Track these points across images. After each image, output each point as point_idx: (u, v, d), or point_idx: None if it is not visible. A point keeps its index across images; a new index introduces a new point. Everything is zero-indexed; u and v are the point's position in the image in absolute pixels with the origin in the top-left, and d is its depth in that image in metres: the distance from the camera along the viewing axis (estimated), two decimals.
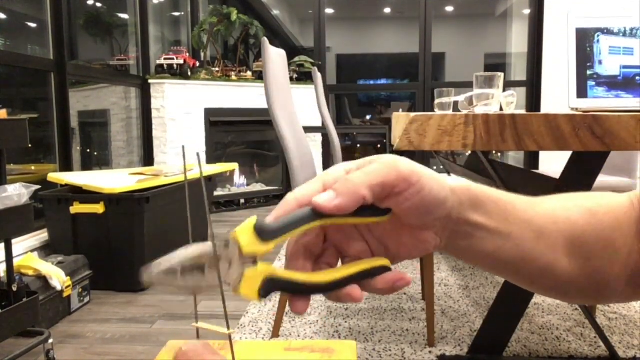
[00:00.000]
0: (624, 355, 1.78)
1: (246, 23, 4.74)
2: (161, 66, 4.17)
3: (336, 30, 9.23)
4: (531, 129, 0.99)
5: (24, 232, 2.41)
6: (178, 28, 5.46)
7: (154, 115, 4.14)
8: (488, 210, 0.40)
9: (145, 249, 2.49)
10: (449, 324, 2.06)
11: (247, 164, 5.06)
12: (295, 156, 1.77)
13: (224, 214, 4.43)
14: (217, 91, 4.41)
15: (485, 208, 0.40)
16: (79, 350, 1.91)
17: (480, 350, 1.66)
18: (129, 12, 4.43)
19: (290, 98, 2.10)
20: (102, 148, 4.33)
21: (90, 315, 2.23)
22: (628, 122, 0.97)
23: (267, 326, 2.04)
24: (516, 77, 5.95)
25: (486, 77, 1.32)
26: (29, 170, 3.29)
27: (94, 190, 2.46)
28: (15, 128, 1.77)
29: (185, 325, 2.13)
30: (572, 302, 0.49)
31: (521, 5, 6.14)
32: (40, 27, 3.22)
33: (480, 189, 0.41)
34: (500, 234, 0.41)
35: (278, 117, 1.75)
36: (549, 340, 1.88)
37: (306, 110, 4.69)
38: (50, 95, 3.09)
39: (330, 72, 7.61)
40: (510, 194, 0.43)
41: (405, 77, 9.76)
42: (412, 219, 0.38)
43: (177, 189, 2.82)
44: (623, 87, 1.45)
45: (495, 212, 0.41)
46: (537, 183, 1.85)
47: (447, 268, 2.80)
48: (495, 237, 0.41)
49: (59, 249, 2.50)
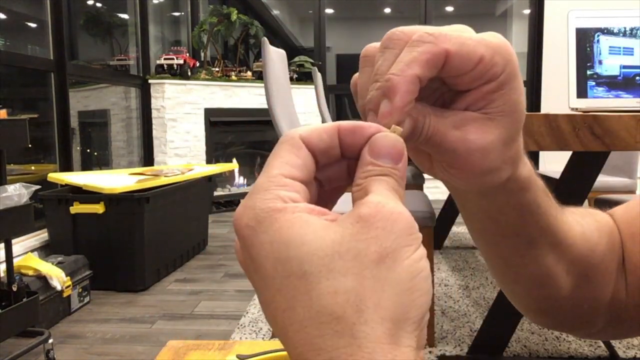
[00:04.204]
0: (624, 355, 1.78)
1: (246, 23, 4.73)
2: (161, 66, 4.17)
3: (336, 30, 9.23)
4: (531, 129, 0.99)
5: (24, 232, 2.41)
6: (178, 28, 5.46)
7: (154, 115, 4.14)
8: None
9: (145, 249, 2.49)
10: (449, 324, 2.06)
11: (247, 164, 5.06)
12: None
13: (224, 214, 4.43)
14: (217, 91, 4.41)
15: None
16: (79, 350, 1.91)
17: (480, 350, 1.66)
18: (129, 12, 4.43)
19: (290, 98, 2.10)
20: (102, 148, 4.33)
21: (90, 315, 2.23)
22: (628, 122, 0.97)
23: (267, 326, 2.04)
24: None
25: None
26: (29, 170, 3.29)
27: (94, 190, 2.45)
28: (15, 128, 1.77)
29: (185, 325, 2.13)
30: (556, 325, 0.46)
31: (521, 5, 6.14)
32: (40, 27, 3.22)
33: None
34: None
35: (278, 117, 1.75)
36: (549, 340, 1.88)
37: (306, 110, 4.69)
38: (50, 95, 3.09)
39: (330, 72, 7.61)
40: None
41: None
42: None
43: (177, 189, 2.82)
44: (623, 87, 1.45)
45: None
46: None
47: (447, 268, 2.80)
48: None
49: (59, 249, 2.50)
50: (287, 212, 0.23)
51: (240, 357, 0.73)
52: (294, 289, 0.22)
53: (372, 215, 0.23)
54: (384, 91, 0.27)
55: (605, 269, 0.41)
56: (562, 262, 0.40)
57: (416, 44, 0.28)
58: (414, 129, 0.29)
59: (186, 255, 3.01)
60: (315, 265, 0.22)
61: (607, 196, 2.06)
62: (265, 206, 0.24)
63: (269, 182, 0.24)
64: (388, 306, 0.22)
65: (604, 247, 0.41)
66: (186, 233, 3.00)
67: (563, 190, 1.35)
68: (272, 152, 0.26)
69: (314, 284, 0.22)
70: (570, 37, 1.44)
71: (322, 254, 0.23)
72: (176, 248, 2.88)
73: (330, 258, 0.22)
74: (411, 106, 0.28)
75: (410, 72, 0.27)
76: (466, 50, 0.28)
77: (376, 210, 0.23)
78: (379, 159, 0.25)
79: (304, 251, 0.23)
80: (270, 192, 0.24)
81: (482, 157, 0.30)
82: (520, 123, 0.31)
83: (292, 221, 0.23)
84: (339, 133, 0.26)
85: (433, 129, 0.29)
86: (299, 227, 0.23)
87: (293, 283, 0.22)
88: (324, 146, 0.26)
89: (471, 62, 0.28)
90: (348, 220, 0.24)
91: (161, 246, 2.66)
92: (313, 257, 0.23)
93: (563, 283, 0.40)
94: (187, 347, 0.76)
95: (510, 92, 0.30)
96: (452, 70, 0.29)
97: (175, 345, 0.77)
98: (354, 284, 0.22)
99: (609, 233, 0.43)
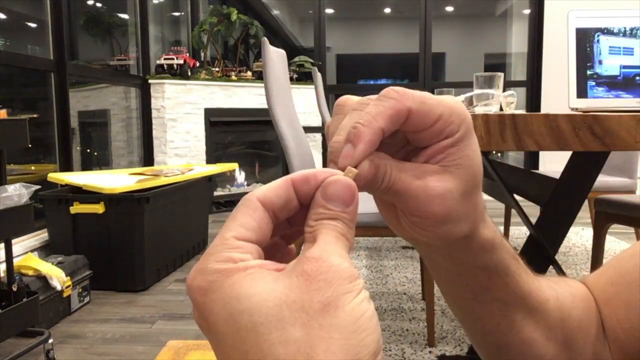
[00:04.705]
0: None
1: (246, 23, 4.73)
2: (161, 66, 4.17)
3: (336, 30, 9.23)
4: (531, 129, 0.99)
5: (24, 232, 2.41)
6: (178, 28, 5.46)
7: (154, 115, 4.14)
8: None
9: (145, 249, 2.49)
10: (449, 324, 2.06)
11: (247, 164, 5.06)
12: (295, 156, 1.77)
13: (224, 214, 4.43)
14: (217, 91, 4.41)
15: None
16: (79, 350, 1.91)
17: None
18: (129, 12, 4.43)
19: (290, 98, 2.10)
20: (102, 148, 4.34)
21: (90, 315, 2.23)
22: (628, 122, 0.97)
23: None
24: (516, 77, 5.96)
25: (486, 77, 1.32)
26: (29, 170, 3.29)
27: (94, 190, 2.45)
28: (15, 128, 1.77)
29: (185, 325, 2.13)
30: None
31: (521, 5, 6.14)
32: (40, 27, 3.22)
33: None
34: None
35: (278, 117, 1.75)
36: None
37: (306, 110, 4.69)
38: (50, 95, 3.09)
39: (330, 72, 7.61)
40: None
41: (405, 77, 9.77)
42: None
43: (177, 189, 2.82)
44: (623, 87, 1.45)
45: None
46: (537, 183, 1.85)
47: None
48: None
49: (59, 249, 2.50)
50: (238, 271, 0.25)
51: None
52: (245, 342, 0.23)
53: (313, 270, 0.25)
54: (349, 137, 0.30)
55: (586, 335, 0.41)
56: (540, 328, 0.40)
57: (383, 99, 0.31)
58: (376, 175, 0.31)
59: (186, 255, 3.01)
60: (264, 315, 0.23)
61: (607, 196, 2.06)
62: (216, 267, 0.25)
63: (222, 245, 0.26)
64: (337, 351, 0.23)
65: (580, 311, 0.42)
66: (186, 233, 3.01)
67: (563, 190, 1.35)
68: (230, 214, 0.28)
69: (265, 335, 0.23)
70: (570, 37, 1.44)
71: (272, 304, 0.24)
72: (176, 248, 2.88)
73: (279, 308, 0.24)
74: (371, 153, 0.30)
75: (375, 125, 0.30)
76: (426, 109, 0.31)
77: (317, 265, 0.25)
78: (330, 202, 0.27)
79: (253, 302, 0.24)
80: (221, 255, 0.25)
81: (442, 204, 0.32)
82: (476, 177, 0.33)
83: (242, 278, 0.25)
84: (293, 185, 0.28)
85: (395, 176, 0.31)
86: (249, 282, 0.24)
87: (244, 336, 0.23)
88: (282, 202, 0.28)
89: (430, 119, 0.31)
90: (294, 273, 0.25)
91: (161, 246, 2.66)
92: (262, 307, 0.24)
93: (544, 350, 0.40)
94: (187, 347, 0.76)
95: (466, 147, 0.32)
96: (413, 126, 0.31)
97: (175, 345, 0.76)
98: (302, 333, 0.23)
99: (584, 298, 0.43)
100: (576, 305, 0.42)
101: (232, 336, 0.24)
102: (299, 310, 0.24)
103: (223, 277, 0.25)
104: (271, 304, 0.24)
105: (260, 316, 0.23)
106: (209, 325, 0.25)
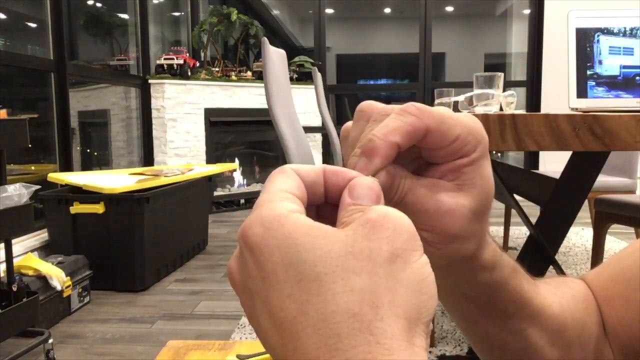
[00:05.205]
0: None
1: (246, 23, 4.74)
2: (161, 66, 4.17)
3: (336, 30, 9.23)
4: (531, 129, 0.99)
5: (24, 232, 2.41)
6: (178, 28, 5.46)
7: (154, 115, 4.14)
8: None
9: (145, 249, 2.49)
10: (449, 324, 2.06)
11: (247, 164, 5.06)
12: (295, 156, 1.77)
13: (224, 214, 4.43)
14: (217, 91, 4.41)
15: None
16: (79, 350, 1.91)
17: None
18: (129, 12, 4.43)
19: (290, 98, 2.10)
20: (102, 148, 4.34)
21: (90, 315, 2.23)
22: (628, 122, 0.97)
23: None
24: (516, 77, 5.96)
25: (486, 77, 1.32)
26: (29, 170, 3.29)
27: (94, 190, 2.46)
28: (15, 128, 1.77)
29: (185, 325, 2.13)
30: None
31: (521, 5, 6.14)
32: (40, 27, 3.22)
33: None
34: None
35: (278, 117, 1.75)
36: None
37: (306, 110, 4.69)
38: (50, 95, 3.09)
39: (330, 72, 7.61)
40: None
41: (405, 77, 9.76)
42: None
43: (177, 189, 2.82)
44: (623, 87, 1.45)
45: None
46: (537, 183, 1.85)
47: None
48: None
49: (59, 249, 2.50)
50: (294, 218, 0.24)
51: (240, 357, 0.73)
52: (306, 292, 0.23)
53: (381, 217, 0.24)
54: (365, 150, 0.30)
55: (588, 336, 0.41)
56: (544, 334, 0.40)
57: (403, 114, 0.30)
58: (390, 186, 0.31)
59: (186, 255, 3.01)
60: (328, 266, 0.23)
61: (607, 196, 2.06)
62: (272, 213, 0.24)
63: (272, 195, 0.25)
64: (401, 304, 0.23)
65: (582, 313, 0.42)
66: (186, 233, 3.01)
67: (563, 191, 1.35)
68: (264, 184, 0.27)
69: (328, 284, 0.22)
70: (570, 37, 1.44)
71: (335, 255, 0.23)
72: (176, 248, 2.88)
73: (344, 258, 0.23)
74: (386, 167, 0.30)
75: (391, 139, 0.30)
76: (445, 129, 0.31)
77: (385, 214, 0.24)
78: (359, 200, 0.27)
79: (316, 254, 0.23)
80: (275, 203, 0.25)
81: (452, 220, 0.32)
82: (489, 197, 0.33)
83: (300, 226, 0.24)
84: (324, 172, 0.28)
85: (408, 188, 0.31)
86: (308, 231, 0.24)
87: (305, 286, 0.23)
88: (311, 180, 0.28)
89: (448, 139, 0.31)
90: (357, 223, 0.24)
91: (161, 246, 2.66)
92: (326, 258, 0.23)
93: (549, 355, 0.40)
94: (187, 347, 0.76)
95: (480, 168, 0.32)
96: (430, 144, 0.31)
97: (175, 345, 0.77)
98: (369, 282, 0.23)
99: (584, 298, 0.43)
100: (578, 307, 0.42)
101: (290, 285, 0.23)
102: (366, 259, 0.23)
103: (280, 222, 0.24)
104: (335, 255, 0.23)
105: (324, 267, 0.23)
106: (264, 275, 0.24)
